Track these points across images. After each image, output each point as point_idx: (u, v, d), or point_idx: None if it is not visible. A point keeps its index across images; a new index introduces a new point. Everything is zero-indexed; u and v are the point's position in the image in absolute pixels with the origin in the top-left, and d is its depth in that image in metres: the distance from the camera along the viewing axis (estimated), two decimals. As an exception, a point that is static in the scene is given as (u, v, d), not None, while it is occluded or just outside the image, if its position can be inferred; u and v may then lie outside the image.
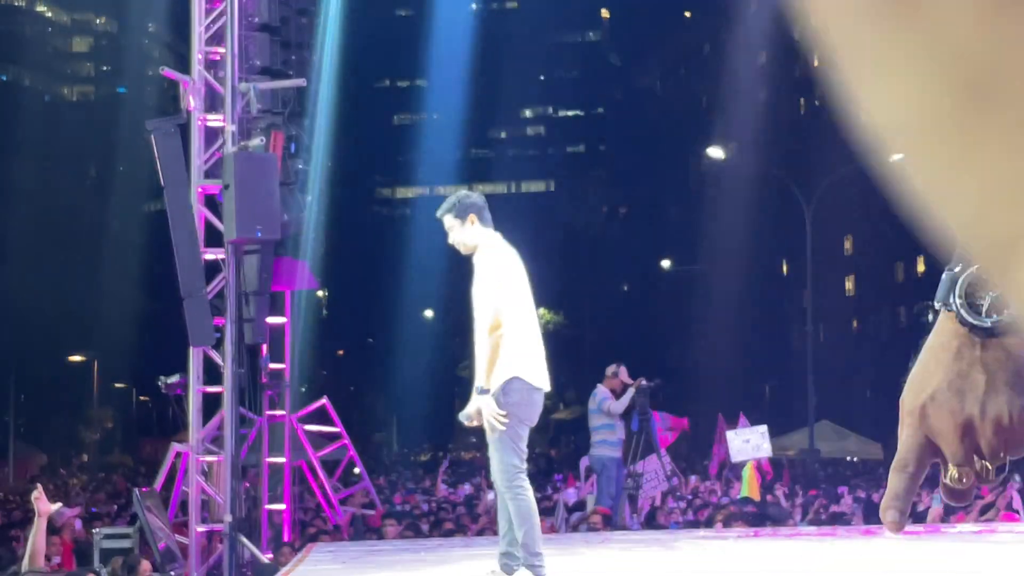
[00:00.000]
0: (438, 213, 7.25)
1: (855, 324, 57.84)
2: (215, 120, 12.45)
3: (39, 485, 10.04)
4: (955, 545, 9.32)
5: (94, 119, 70.88)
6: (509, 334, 6.80)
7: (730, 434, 14.27)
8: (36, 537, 7.48)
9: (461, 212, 7.12)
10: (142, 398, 62.57)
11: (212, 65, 12.59)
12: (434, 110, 77.67)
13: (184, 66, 12.81)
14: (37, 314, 55.53)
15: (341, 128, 41.76)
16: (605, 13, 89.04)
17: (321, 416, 16.92)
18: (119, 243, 59.28)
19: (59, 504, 11.77)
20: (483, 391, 6.75)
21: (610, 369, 14.23)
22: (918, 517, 13.62)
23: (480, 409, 6.74)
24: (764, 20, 64.06)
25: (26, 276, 56.48)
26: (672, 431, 20.38)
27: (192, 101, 12.33)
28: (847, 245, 58.30)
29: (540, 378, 6.86)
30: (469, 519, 15.62)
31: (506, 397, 6.72)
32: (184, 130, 12.13)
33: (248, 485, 14.23)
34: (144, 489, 12.44)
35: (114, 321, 56.70)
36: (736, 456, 14.52)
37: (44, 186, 60.57)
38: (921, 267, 57.55)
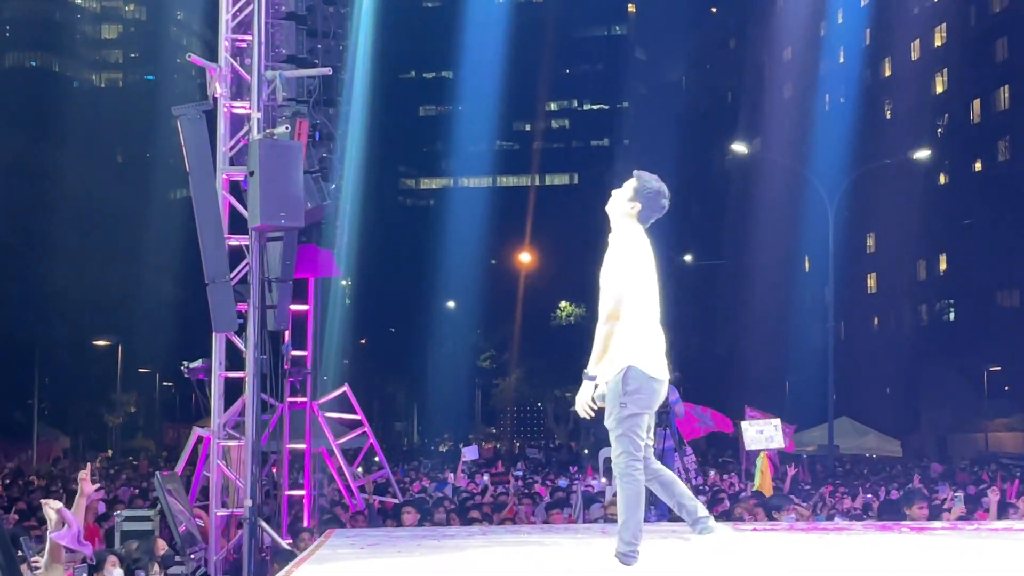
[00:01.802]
0: (637, 172, 7.31)
1: (876, 321, 57.67)
2: (241, 107, 12.51)
3: (89, 464, 10.15)
4: (966, 542, 9.33)
5: (123, 106, 71.17)
6: (628, 323, 6.84)
7: (744, 424, 14.31)
8: (75, 513, 7.56)
9: (643, 195, 7.18)
10: (165, 383, 62.81)
11: (239, 53, 12.65)
12: (460, 102, 77.71)
13: (212, 54, 12.88)
14: (62, 299, 55.83)
15: (367, 118, 41.88)
16: (631, 7, 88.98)
17: (342, 404, 17.01)
18: (146, 229, 59.53)
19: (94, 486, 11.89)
20: (590, 378, 6.78)
21: None
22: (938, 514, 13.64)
23: (582, 395, 6.81)
24: (790, 16, 63.86)
25: (52, 261, 56.77)
26: (705, 427, 20.44)
27: (218, 88, 12.38)
28: (870, 242, 58.12)
29: (658, 367, 6.90)
30: (491, 509, 15.67)
31: (625, 386, 6.76)
32: (210, 117, 12.18)
33: (275, 470, 14.35)
34: (165, 472, 12.53)
35: (139, 306, 56.98)
36: (750, 445, 14.58)
37: (72, 172, 60.81)
38: (943, 265, 57.36)
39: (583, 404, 6.88)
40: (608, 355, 6.82)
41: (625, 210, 7.13)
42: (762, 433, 15.93)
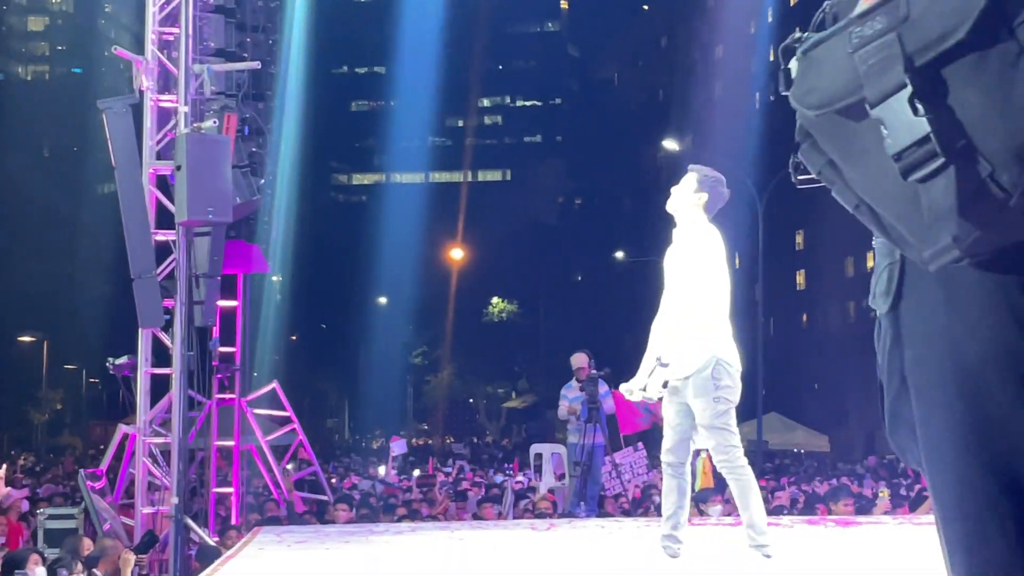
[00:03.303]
0: (692, 166, 7.35)
1: (805, 318, 58.23)
2: (168, 101, 12.40)
3: (5, 465, 10.02)
4: (890, 535, 9.44)
5: (50, 99, 70.30)
6: (710, 317, 6.87)
7: None
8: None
9: (708, 184, 7.19)
10: (92, 380, 62.15)
11: (166, 46, 12.53)
12: (392, 98, 77.53)
13: (140, 47, 12.74)
14: (-14, 294, 55.10)
15: (299, 113, 41.66)
16: (564, 4, 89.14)
17: (271, 400, 16.91)
18: (73, 224, 58.87)
19: (8, 489, 11.74)
20: (663, 364, 6.81)
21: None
22: (864, 508, 13.77)
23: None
24: (721, 14, 64.28)
25: (-25, 256, 56.01)
26: (647, 420, 20.41)
27: (145, 81, 12.27)
28: (799, 240, 58.68)
29: (738, 358, 6.96)
30: (423, 504, 15.65)
31: (716, 381, 6.78)
32: (137, 110, 12.07)
33: (200, 468, 14.23)
34: (90, 470, 12.40)
35: (65, 302, 56.36)
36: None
37: (-5, 166, 60.02)
38: (871, 263, 57.97)
39: (656, 390, 6.88)
40: (689, 349, 6.80)
41: (692, 202, 7.18)
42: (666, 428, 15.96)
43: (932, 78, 1.47)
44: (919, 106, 1.46)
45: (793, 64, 1.67)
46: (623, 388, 7.19)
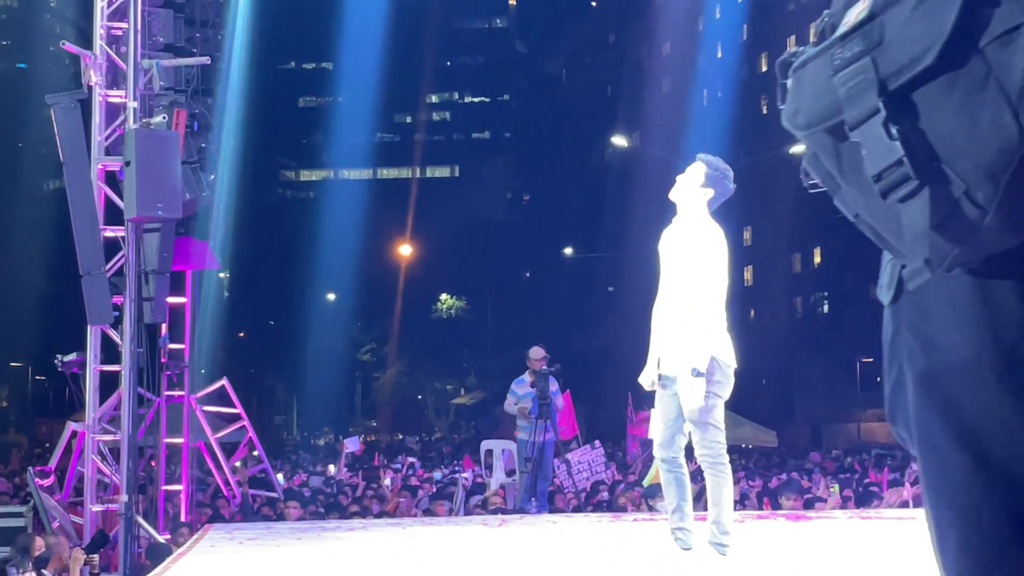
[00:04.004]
0: (701, 156, 7.29)
1: (752, 314, 58.58)
2: (116, 96, 12.32)
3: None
4: (841, 529, 9.53)
5: (-8, 94, 69.48)
6: (714, 315, 6.90)
7: (654, 412, 14.36)
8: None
9: (715, 180, 7.16)
10: (39, 377, 61.56)
11: (114, 40, 12.45)
12: (340, 93, 77.23)
13: (86, 42, 12.65)
14: (-71, 291, 54.47)
15: (247, 109, 41.40)
16: (512, 1, 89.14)
17: (220, 397, 16.83)
18: (17, 220, 58.24)
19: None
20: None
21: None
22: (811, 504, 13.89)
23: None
24: (668, 11, 64.50)
25: (-82, 252, 55.36)
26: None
27: (93, 76, 12.19)
28: (746, 236, 59.04)
29: (733, 356, 6.99)
30: (373, 501, 15.64)
31: (709, 375, 6.82)
32: (85, 106, 11.99)
33: (153, 464, 14.16)
34: (39, 468, 12.31)
35: (10, 299, 55.76)
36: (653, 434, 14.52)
37: (-61, 162, 59.27)
38: (818, 259, 58.46)
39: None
40: (685, 344, 6.84)
41: (697, 196, 7.13)
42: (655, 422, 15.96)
43: (904, 102, 1.51)
44: (892, 130, 1.50)
45: (789, 80, 1.71)
46: (642, 380, 7.20)
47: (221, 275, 48.14)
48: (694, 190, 7.12)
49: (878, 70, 1.53)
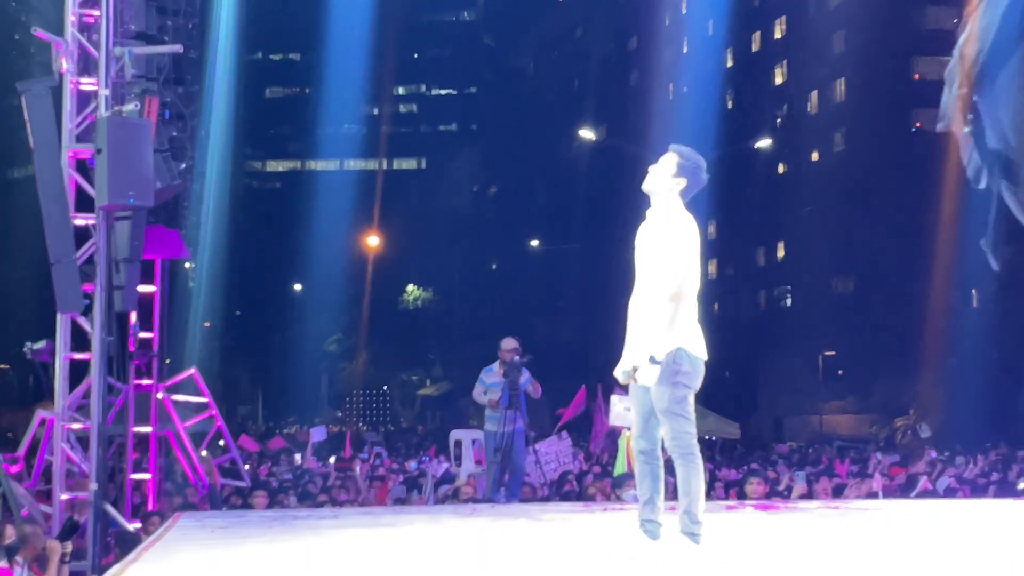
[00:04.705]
0: (674, 146, 7.26)
1: (716, 307, 58.80)
2: (88, 84, 12.29)
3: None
4: (807, 519, 9.63)
5: (-45, 81, 68.89)
6: (686, 306, 6.90)
7: (614, 398, 14.33)
8: None
9: (688, 170, 7.17)
10: (2, 366, 61.11)
11: (86, 28, 12.42)
12: (307, 85, 76.97)
13: (52, 30, 12.60)
14: None
15: (215, 99, 41.26)
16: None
17: (189, 387, 16.83)
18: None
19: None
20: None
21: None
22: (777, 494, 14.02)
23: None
24: (636, 5, 64.62)
25: None
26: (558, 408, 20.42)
27: (65, 64, 12.16)
28: (711, 229, 59.24)
29: (703, 348, 7.01)
30: (341, 491, 15.68)
31: (676, 366, 6.82)
32: (56, 93, 11.96)
33: (117, 454, 14.14)
34: (8, 454, 12.29)
35: (-27, 287, 55.28)
36: (615, 421, 14.48)
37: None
38: (781, 252, 58.73)
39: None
40: (655, 335, 6.87)
41: (670, 187, 7.14)
42: (629, 411, 15.92)
43: None
44: None
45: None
46: (616, 373, 7.23)
47: (187, 265, 47.92)
48: (667, 180, 7.13)
49: None
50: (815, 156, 56.81)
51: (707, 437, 39.76)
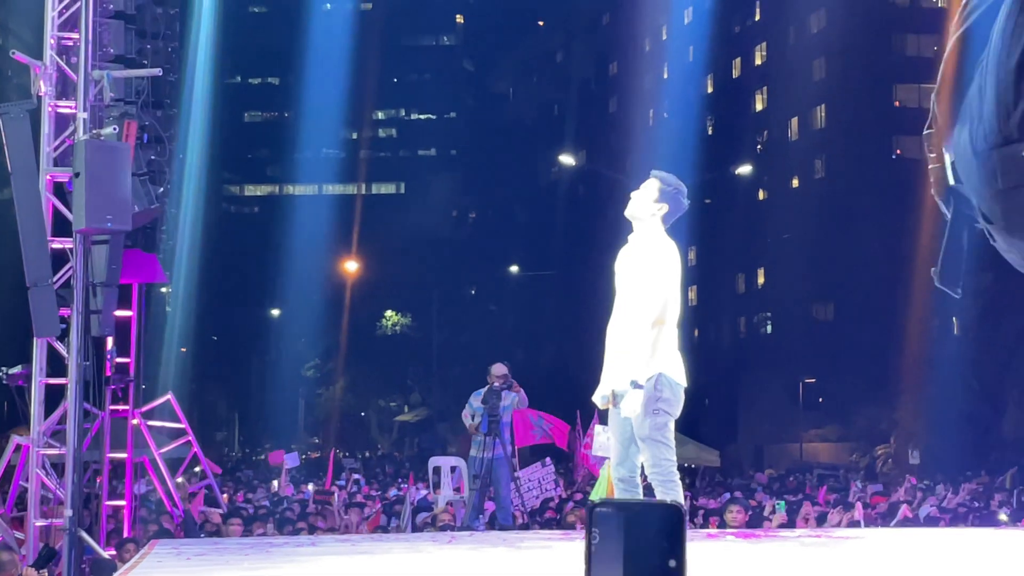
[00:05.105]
0: (655, 172, 7.26)
1: (696, 333, 58.85)
2: (66, 107, 12.21)
3: None
4: (787, 549, 9.57)
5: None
6: (667, 331, 6.84)
7: (597, 428, 14.22)
8: None
9: (669, 196, 7.17)
10: (-28, 391, 60.79)
11: (64, 51, 12.34)
12: (286, 109, 76.99)
13: (31, 53, 12.52)
14: None
15: (193, 123, 41.18)
16: (460, 18, 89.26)
17: (166, 412, 16.72)
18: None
19: None
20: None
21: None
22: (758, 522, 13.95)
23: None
24: (615, 31, 64.87)
25: None
26: (540, 435, 20.25)
27: (43, 87, 12.07)
28: (691, 256, 59.36)
29: (683, 375, 6.97)
30: (319, 518, 15.55)
31: (657, 392, 6.76)
32: (34, 116, 11.88)
33: (98, 480, 14.00)
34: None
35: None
36: (597, 451, 14.43)
37: None
38: (762, 279, 58.83)
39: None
40: (635, 361, 6.81)
41: (651, 212, 7.14)
42: (611, 440, 15.89)
43: None
44: None
45: None
46: (595, 399, 7.19)
47: (164, 289, 47.75)
48: (648, 205, 7.14)
49: None
50: (795, 182, 57.00)
51: (687, 464, 39.71)
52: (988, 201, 6.72)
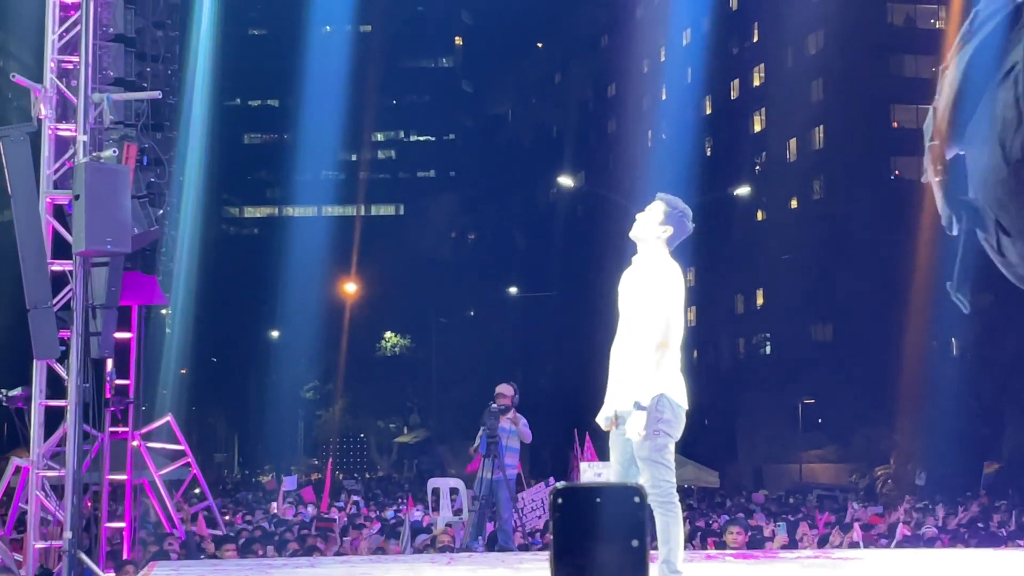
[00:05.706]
0: (661, 195, 7.30)
1: (695, 354, 58.84)
2: (66, 130, 12.25)
3: None
4: (791, 569, 9.57)
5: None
6: (671, 353, 6.88)
7: (584, 465, 14.20)
8: None
9: (674, 219, 7.20)
10: (-32, 413, 60.71)
11: (64, 74, 12.38)
12: (285, 131, 77.10)
13: (30, 75, 12.55)
14: None
15: (193, 145, 41.20)
16: (458, 40, 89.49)
17: (165, 434, 16.70)
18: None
19: None
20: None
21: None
22: (758, 543, 13.94)
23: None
24: (613, 52, 65.00)
25: None
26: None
27: (43, 110, 12.10)
28: (690, 277, 59.41)
29: (685, 397, 6.99)
30: (317, 539, 15.52)
31: (659, 414, 6.79)
32: (34, 139, 11.91)
33: (90, 503, 13.98)
34: (-19, 504, 12.16)
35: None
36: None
37: None
38: (760, 300, 58.84)
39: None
40: (638, 383, 6.84)
41: (656, 234, 7.17)
42: (600, 476, 16.01)
43: None
44: None
45: None
46: (599, 420, 7.20)
47: (163, 311, 47.76)
48: (653, 227, 7.17)
49: None
50: (794, 203, 57.06)
51: (686, 485, 39.68)
52: (1013, 212, 6.70)
